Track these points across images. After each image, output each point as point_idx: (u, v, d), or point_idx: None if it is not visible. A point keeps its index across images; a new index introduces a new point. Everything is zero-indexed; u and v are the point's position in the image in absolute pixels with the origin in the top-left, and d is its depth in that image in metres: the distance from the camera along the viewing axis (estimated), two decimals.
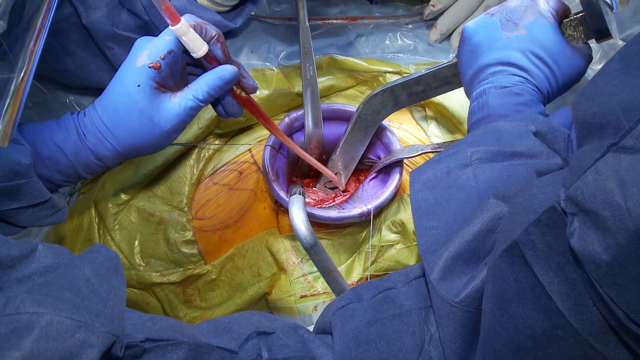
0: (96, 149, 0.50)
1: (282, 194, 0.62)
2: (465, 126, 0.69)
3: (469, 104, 0.70)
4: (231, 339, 0.38)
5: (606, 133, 0.30)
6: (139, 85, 0.48)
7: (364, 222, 0.66)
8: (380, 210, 0.66)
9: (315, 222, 0.64)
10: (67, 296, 0.30)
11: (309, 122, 0.66)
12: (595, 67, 0.72)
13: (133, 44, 0.50)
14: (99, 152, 0.50)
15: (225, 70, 0.50)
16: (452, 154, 0.45)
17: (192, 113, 0.50)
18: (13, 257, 0.31)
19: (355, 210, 0.62)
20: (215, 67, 0.51)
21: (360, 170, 0.73)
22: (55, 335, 0.28)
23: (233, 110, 0.56)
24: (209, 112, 0.66)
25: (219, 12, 0.68)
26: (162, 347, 0.34)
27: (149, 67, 0.48)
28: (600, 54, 0.69)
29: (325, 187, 0.70)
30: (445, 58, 0.76)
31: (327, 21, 0.78)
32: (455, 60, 0.57)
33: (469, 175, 0.43)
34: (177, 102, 0.49)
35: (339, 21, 0.78)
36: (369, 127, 0.64)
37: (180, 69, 0.51)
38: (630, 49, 0.31)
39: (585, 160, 0.28)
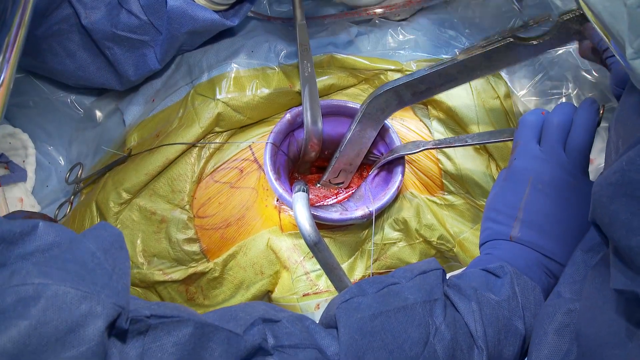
0: None
1: (284, 192, 0.62)
2: (467, 124, 0.69)
3: (471, 102, 0.70)
4: (237, 325, 0.39)
5: None
6: None
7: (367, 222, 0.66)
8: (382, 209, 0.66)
9: (317, 222, 0.64)
10: (72, 268, 0.30)
11: (307, 120, 0.66)
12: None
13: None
14: None
15: None
16: None
17: None
18: (15, 232, 0.30)
19: (357, 212, 0.62)
20: None
21: (363, 166, 0.73)
22: (61, 305, 0.28)
23: None
24: (209, 112, 0.66)
25: (216, 11, 0.68)
26: (168, 324, 0.34)
27: None
28: None
29: (330, 183, 0.70)
30: (445, 53, 0.75)
31: (326, 19, 0.78)
32: (459, 57, 0.56)
33: None
34: None
35: (338, 19, 0.78)
36: (374, 125, 0.64)
37: None
38: None
39: None
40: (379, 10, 0.76)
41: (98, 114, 0.76)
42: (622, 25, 0.34)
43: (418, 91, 0.60)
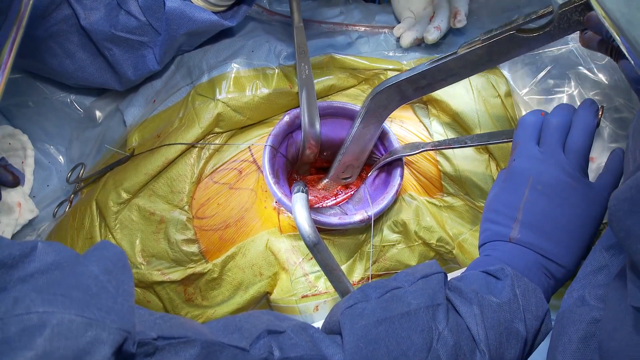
0: None
1: (283, 196, 0.62)
2: (469, 124, 0.69)
3: (471, 100, 0.70)
4: (242, 338, 0.39)
5: None
6: None
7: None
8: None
9: (315, 225, 0.64)
10: (76, 294, 0.30)
11: (305, 122, 0.65)
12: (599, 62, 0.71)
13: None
14: None
15: None
16: None
17: None
18: (15, 256, 0.30)
19: (356, 216, 0.62)
20: None
21: (364, 167, 0.73)
22: (67, 334, 0.28)
23: None
24: (209, 113, 0.66)
25: (215, 12, 0.67)
26: (175, 345, 0.34)
27: None
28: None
29: (338, 178, 0.70)
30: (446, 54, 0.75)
31: (326, 25, 0.78)
32: (460, 51, 0.56)
33: None
34: None
35: (339, 27, 0.78)
36: (378, 121, 0.64)
37: None
38: None
39: None
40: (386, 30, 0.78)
41: (98, 114, 0.77)
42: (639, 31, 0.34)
43: (420, 86, 0.59)
